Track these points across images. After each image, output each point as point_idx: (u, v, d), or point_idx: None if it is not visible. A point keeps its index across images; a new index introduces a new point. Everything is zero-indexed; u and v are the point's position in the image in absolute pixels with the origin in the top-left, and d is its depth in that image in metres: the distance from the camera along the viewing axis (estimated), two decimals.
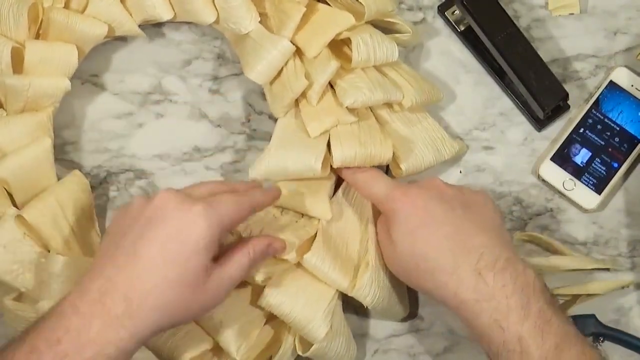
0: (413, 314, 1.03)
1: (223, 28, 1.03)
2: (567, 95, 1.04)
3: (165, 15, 1.03)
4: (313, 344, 0.95)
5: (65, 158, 1.06)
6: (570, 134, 1.05)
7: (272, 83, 1.01)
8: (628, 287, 1.04)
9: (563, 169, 1.04)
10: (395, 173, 1.01)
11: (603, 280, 1.03)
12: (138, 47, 1.09)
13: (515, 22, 1.06)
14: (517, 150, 1.07)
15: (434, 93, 1.04)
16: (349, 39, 0.98)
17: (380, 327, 1.04)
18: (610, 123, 1.05)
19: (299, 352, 0.97)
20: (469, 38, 1.08)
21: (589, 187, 1.04)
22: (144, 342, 0.84)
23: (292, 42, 0.99)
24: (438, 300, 0.91)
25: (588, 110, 1.05)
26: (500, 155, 1.07)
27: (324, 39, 0.98)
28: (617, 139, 1.04)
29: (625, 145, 1.04)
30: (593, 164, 1.04)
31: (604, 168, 1.04)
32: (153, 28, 1.08)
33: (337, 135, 0.97)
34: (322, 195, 0.99)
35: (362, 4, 0.98)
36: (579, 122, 1.05)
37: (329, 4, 1.02)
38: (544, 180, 1.05)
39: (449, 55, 1.09)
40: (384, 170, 1.01)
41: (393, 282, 0.97)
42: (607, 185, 1.04)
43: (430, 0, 1.10)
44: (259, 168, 0.97)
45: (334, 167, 0.98)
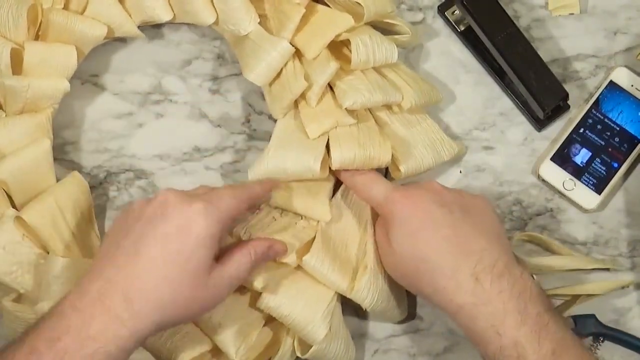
0: (412, 316, 1.03)
1: (222, 29, 1.03)
2: (567, 95, 1.04)
3: (165, 17, 1.03)
4: (312, 346, 0.95)
5: (65, 158, 1.06)
6: (570, 134, 1.05)
7: (271, 84, 1.01)
8: (628, 287, 1.04)
9: (563, 169, 1.04)
10: (395, 175, 1.01)
11: (603, 280, 1.03)
12: (138, 47, 1.09)
13: (515, 22, 1.05)
14: (517, 150, 1.07)
15: (434, 94, 1.04)
16: (349, 41, 0.98)
17: (380, 327, 1.04)
18: (610, 123, 1.05)
19: (298, 353, 0.97)
20: (469, 38, 1.08)
21: (589, 187, 1.04)
22: (144, 340, 0.85)
23: (291, 43, 0.99)
24: (436, 304, 0.91)
25: (588, 110, 1.05)
26: (500, 155, 1.07)
27: (323, 41, 0.98)
28: (617, 139, 1.04)
29: (625, 145, 1.04)
30: (593, 164, 1.04)
31: (604, 168, 1.04)
32: (152, 28, 1.08)
33: (336, 137, 0.97)
34: (321, 197, 0.99)
35: (361, 5, 0.98)
36: (579, 122, 1.05)
37: (329, 6, 1.02)
38: (544, 180, 1.05)
39: (449, 56, 1.09)
40: (383, 173, 1.02)
41: (391, 284, 0.97)
42: (607, 185, 1.04)
43: (430, 0, 1.10)
44: (258, 169, 0.97)
45: (333, 168, 0.98)
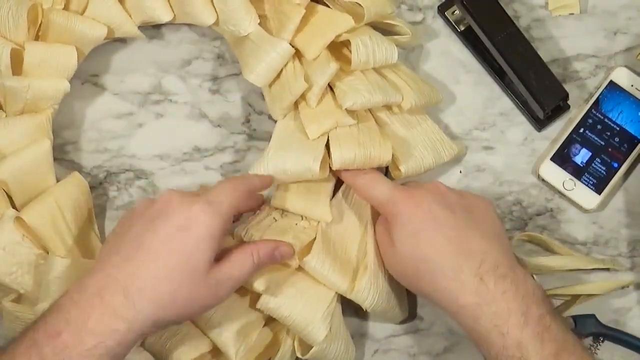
0: (412, 316, 1.04)
1: (222, 30, 1.03)
2: (567, 95, 1.04)
3: (165, 17, 1.03)
4: (312, 346, 0.95)
5: (65, 158, 1.06)
6: (570, 134, 1.05)
7: (271, 85, 1.01)
8: (628, 287, 1.04)
9: (563, 169, 1.04)
10: (395, 175, 1.01)
11: (603, 280, 1.03)
12: (138, 47, 1.09)
13: (515, 22, 1.05)
14: (517, 150, 1.07)
15: (434, 95, 1.04)
16: (349, 41, 0.98)
17: (380, 327, 1.04)
18: (610, 123, 1.05)
19: (298, 354, 0.97)
20: (469, 38, 1.08)
21: (589, 187, 1.04)
22: (143, 335, 0.86)
23: (291, 44, 0.99)
24: (437, 304, 0.91)
25: (588, 110, 1.05)
26: (500, 155, 1.07)
27: (323, 41, 0.98)
28: (617, 139, 1.04)
29: (625, 145, 1.04)
30: (593, 164, 1.04)
31: (604, 168, 1.04)
32: (152, 28, 1.08)
33: (336, 138, 0.97)
34: (322, 198, 0.99)
35: (361, 6, 0.98)
36: (579, 122, 1.05)
37: (329, 6, 1.02)
38: (544, 180, 1.05)
39: (449, 56, 1.09)
40: (383, 173, 1.01)
41: (392, 284, 0.97)
42: (607, 185, 1.04)
43: (430, 0, 1.10)
44: (258, 170, 0.97)
45: (333, 169, 0.98)
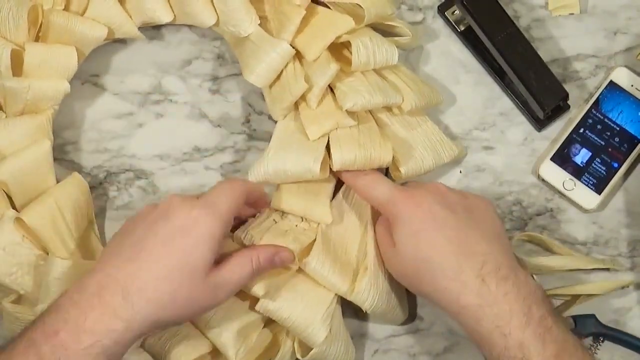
0: (412, 316, 1.04)
1: (223, 31, 1.03)
2: (567, 95, 1.04)
3: (165, 18, 1.03)
4: (312, 348, 0.95)
5: (65, 158, 1.06)
6: (570, 134, 1.05)
7: (271, 86, 1.00)
8: (628, 287, 1.04)
9: (563, 169, 1.04)
10: (395, 176, 1.01)
11: (603, 280, 1.03)
12: (138, 47, 1.09)
13: (515, 22, 1.05)
14: (517, 150, 1.07)
15: (434, 96, 1.04)
16: (349, 42, 0.98)
17: (380, 327, 1.04)
18: (610, 123, 1.05)
19: (298, 356, 0.97)
20: (469, 38, 1.08)
21: (589, 187, 1.04)
22: (141, 335, 0.86)
23: (291, 45, 0.99)
24: (437, 304, 0.91)
25: (588, 110, 1.05)
26: (500, 155, 1.07)
27: (324, 42, 0.98)
28: (617, 139, 1.04)
29: (625, 145, 1.04)
30: (593, 164, 1.04)
31: (604, 168, 1.04)
32: (152, 29, 1.08)
33: (336, 139, 0.97)
34: (322, 199, 0.99)
35: (361, 7, 0.98)
36: (579, 122, 1.05)
37: (329, 7, 1.02)
38: (544, 180, 1.05)
39: (449, 56, 1.09)
40: (384, 174, 1.01)
41: (392, 286, 0.97)
42: (607, 185, 1.04)
43: (431, 0, 1.10)
44: (258, 170, 0.97)
45: (334, 170, 0.98)
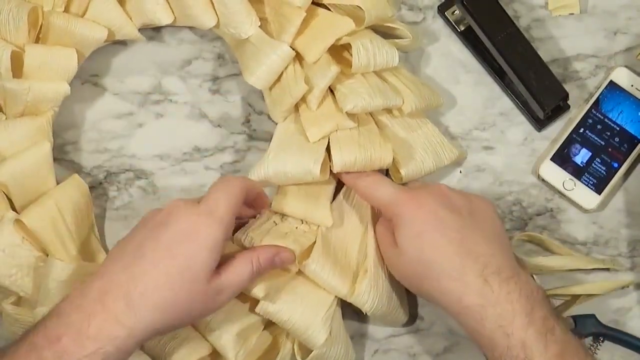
0: (412, 317, 1.04)
1: (223, 32, 1.03)
2: (567, 95, 1.04)
3: (165, 20, 1.03)
4: (312, 350, 0.95)
5: (65, 158, 1.06)
6: (570, 134, 1.05)
7: (271, 88, 1.00)
8: (628, 287, 1.04)
9: (563, 169, 1.04)
10: (395, 178, 1.01)
11: (603, 280, 1.04)
12: (138, 47, 1.08)
13: (515, 22, 1.05)
14: (517, 150, 1.07)
15: (434, 99, 1.04)
16: (349, 44, 0.98)
17: (380, 327, 1.04)
18: (610, 123, 1.05)
19: (298, 358, 0.97)
20: (469, 38, 1.08)
21: (589, 187, 1.04)
22: (143, 341, 0.85)
23: (292, 47, 0.99)
24: (438, 304, 0.91)
25: (588, 110, 1.05)
26: (500, 155, 1.07)
27: (324, 44, 0.98)
28: (617, 139, 1.04)
29: (625, 145, 1.04)
30: (593, 164, 1.04)
31: (604, 168, 1.04)
32: (152, 30, 1.08)
33: (336, 141, 0.97)
34: (322, 201, 0.99)
35: (362, 9, 0.98)
36: (579, 122, 1.05)
37: (329, 9, 1.02)
38: (544, 180, 1.05)
39: (449, 56, 1.09)
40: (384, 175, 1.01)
41: (392, 288, 0.97)
42: (607, 185, 1.04)
43: (431, 1, 1.10)
44: (259, 172, 0.97)
45: (334, 172, 0.98)
